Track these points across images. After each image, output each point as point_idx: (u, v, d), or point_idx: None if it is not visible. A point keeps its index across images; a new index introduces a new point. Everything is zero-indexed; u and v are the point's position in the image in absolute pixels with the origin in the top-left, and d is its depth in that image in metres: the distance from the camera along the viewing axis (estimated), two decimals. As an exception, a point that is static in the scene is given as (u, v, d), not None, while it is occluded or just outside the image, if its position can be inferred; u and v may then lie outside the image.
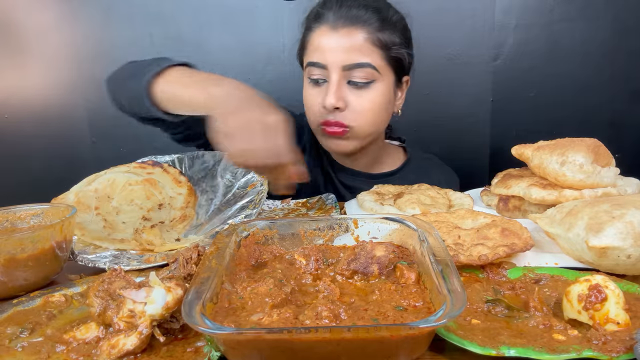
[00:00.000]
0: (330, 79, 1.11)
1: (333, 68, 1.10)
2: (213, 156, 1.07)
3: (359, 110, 1.12)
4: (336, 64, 1.09)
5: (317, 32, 1.13)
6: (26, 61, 1.85)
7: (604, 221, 0.66)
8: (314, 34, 1.14)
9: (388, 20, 1.13)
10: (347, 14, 1.10)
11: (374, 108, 1.14)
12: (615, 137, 1.67)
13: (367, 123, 1.15)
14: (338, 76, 1.10)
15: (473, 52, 1.85)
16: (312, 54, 1.13)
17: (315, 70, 1.13)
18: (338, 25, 1.10)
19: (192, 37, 1.83)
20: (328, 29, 1.11)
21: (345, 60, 1.09)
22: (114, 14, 1.82)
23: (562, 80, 1.86)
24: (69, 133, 1.91)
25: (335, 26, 1.10)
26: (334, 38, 1.10)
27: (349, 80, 1.11)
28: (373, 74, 1.11)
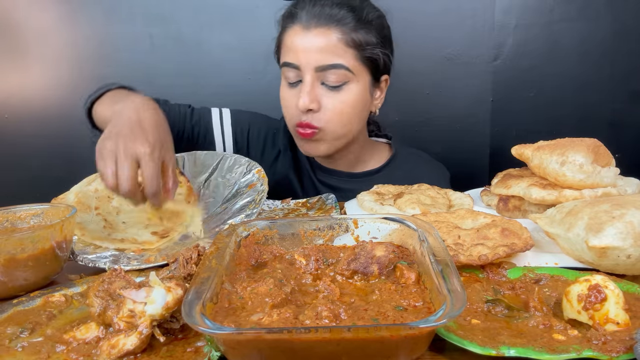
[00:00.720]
0: (304, 79, 1.09)
1: (306, 69, 1.08)
2: (213, 156, 1.07)
3: (331, 112, 1.11)
4: (309, 65, 1.08)
5: (290, 32, 1.11)
6: (26, 61, 1.85)
7: (604, 221, 0.66)
8: (287, 34, 1.12)
9: (363, 19, 1.10)
10: (320, 13, 1.08)
11: (346, 109, 1.12)
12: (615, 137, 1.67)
13: (339, 124, 1.13)
14: (311, 77, 1.08)
15: (473, 52, 1.85)
16: (286, 54, 1.12)
17: (290, 71, 1.11)
18: (311, 25, 1.07)
19: (192, 37, 1.83)
20: (301, 29, 1.09)
21: (319, 61, 1.07)
22: (114, 14, 1.81)
23: (562, 80, 1.86)
24: (69, 133, 1.91)
25: (308, 26, 1.08)
26: (307, 38, 1.07)
27: (323, 82, 1.09)
28: (346, 75, 1.09)
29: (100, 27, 1.82)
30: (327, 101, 1.10)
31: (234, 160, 1.03)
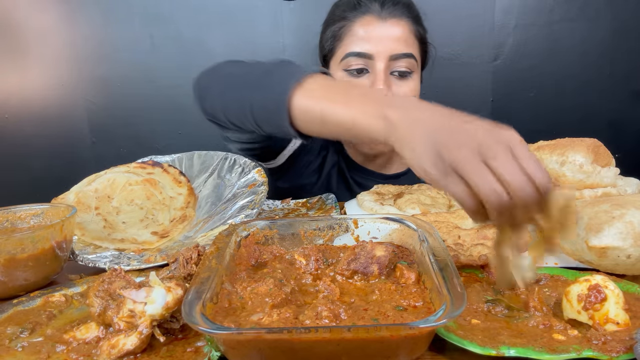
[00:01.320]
0: (375, 68, 1.10)
1: (380, 58, 1.09)
2: (213, 156, 1.07)
3: None
4: (384, 54, 1.09)
5: (361, 22, 1.12)
6: (26, 61, 1.85)
7: (604, 221, 0.66)
8: (356, 24, 1.12)
9: (418, 15, 1.16)
10: (393, 5, 1.11)
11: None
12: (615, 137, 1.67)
13: None
14: (384, 65, 1.09)
15: (473, 52, 1.85)
16: (353, 44, 1.11)
17: (356, 60, 1.11)
18: (386, 16, 1.10)
19: (192, 37, 1.83)
20: (375, 19, 1.10)
21: (393, 50, 1.09)
22: (113, 14, 1.82)
23: (562, 80, 1.86)
24: (69, 133, 1.91)
25: (383, 16, 1.10)
26: (383, 28, 1.10)
27: (391, 71, 1.11)
28: (414, 64, 1.13)
29: (100, 27, 1.82)
30: (397, 89, 1.12)
31: (234, 160, 1.03)
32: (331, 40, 1.17)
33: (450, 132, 0.54)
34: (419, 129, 0.56)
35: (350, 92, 0.68)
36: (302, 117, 0.71)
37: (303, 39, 1.83)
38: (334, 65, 1.17)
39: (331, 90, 0.70)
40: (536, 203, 0.50)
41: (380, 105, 0.62)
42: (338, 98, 0.68)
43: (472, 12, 1.81)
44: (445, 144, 0.53)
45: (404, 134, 0.58)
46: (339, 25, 1.15)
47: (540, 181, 0.49)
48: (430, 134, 0.55)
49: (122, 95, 1.88)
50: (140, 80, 1.86)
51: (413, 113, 0.59)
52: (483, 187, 0.49)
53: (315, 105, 0.69)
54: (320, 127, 0.70)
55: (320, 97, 0.69)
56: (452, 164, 0.51)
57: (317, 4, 1.79)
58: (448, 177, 0.52)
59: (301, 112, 0.71)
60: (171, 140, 1.91)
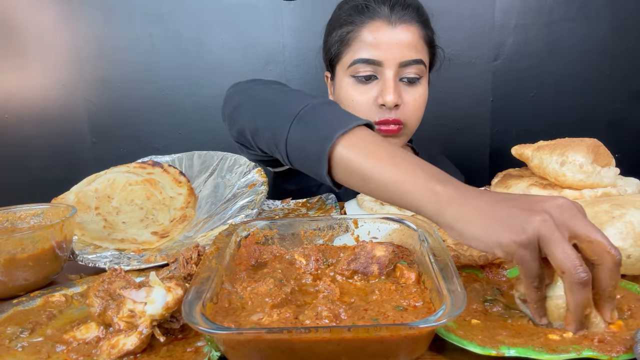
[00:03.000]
0: (384, 75, 1.07)
1: (389, 65, 1.06)
2: (213, 156, 1.07)
3: (412, 106, 1.11)
4: (394, 61, 1.06)
5: (369, 28, 1.08)
6: (26, 61, 1.85)
7: (604, 221, 0.66)
8: (363, 29, 1.08)
9: (427, 19, 1.14)
10: (403, 9, 1.08)
11: (422, 104, 1.14)
12: (615, 137, 1.67)
13: (418, 119, 1.14)
14: (393, 73, 1.07)
15: (473, 52, 1.85)
16: (361, 51, 1.08)
17: (365, 67, 1.08)
18: (395, 21, 1.07)
19: (192, 37, 1.83)
20: (384, 24, 1.07)
21: (404, 57, 1.07)
22: (113, 14, 1.82)
23: (562, 80, 1.86)
24: (69, 133, 1.91)
25: (392, 21, 1.07)
26: (393, 34, 1.06)
27: (400, 77, 1.09)
28: (423, 70, 1.11)
29: (100, 27, 1.82)
30: (407, 96, 1.10)
31: (234, 160, 1.03)
32: (338, 44, 1.13)
33: (518, 205, 0.52)
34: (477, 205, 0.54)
35: (398, 155, 0.64)
36: (342, 169, 0.68)
37: (303, 39, 1.83)
38: (340, 70, 1.14)
39: (379, 147, 0.66)
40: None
41: (428, 177, 0.59)
42: (385, 158, 0.64)
43: (472, 12, 1.81)
44: (520, 217, 0.50)
45: (461, 211, 0.54)
46: (346, 30, 1.11)
47: (617, 255, 0.49)
48: (495, 209, 0.52)
49: (122, 96, 1.88)
50: (140, 80, 1.86)
51: (462, 192, 0.56)
52: (564, 261, 0.48)
53: (361, 161, 0.65)
54: (359, 183, 0.66)
55: (367, 152, 0.65)
56: (537, 234, 0.49)
57: (317, 4, 1.79)
58: (532, 250, 0.49)
59: (343, 163, 0.67)
60: (171, 140, 1.91)
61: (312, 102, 0.75)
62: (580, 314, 0.49)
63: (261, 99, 0.85)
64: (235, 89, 0.93)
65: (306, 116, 0.73)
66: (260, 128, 0.82)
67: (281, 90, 0.86)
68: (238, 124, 0.88)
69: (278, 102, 0.80)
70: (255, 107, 0.85)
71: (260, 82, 0.93)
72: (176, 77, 1.86)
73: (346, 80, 1.12)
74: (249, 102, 0.87)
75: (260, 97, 0.86)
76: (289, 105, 0.77)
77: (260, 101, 0.85)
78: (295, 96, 0.80)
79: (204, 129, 1.88)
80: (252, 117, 0.85)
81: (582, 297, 0.48)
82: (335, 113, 0.73)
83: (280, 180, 1.28)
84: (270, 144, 0.79)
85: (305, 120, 0.73)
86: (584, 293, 0.48)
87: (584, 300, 0.49)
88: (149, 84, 1.87)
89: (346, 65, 1.11)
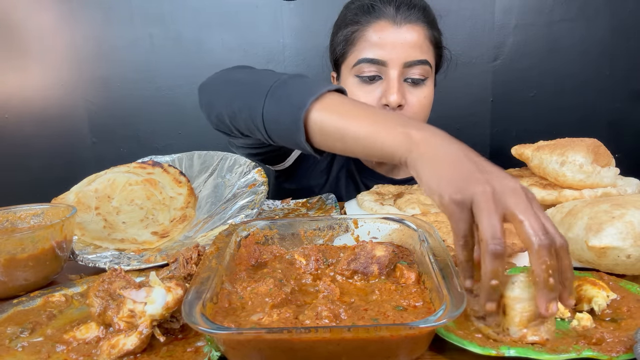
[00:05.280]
0: (389, 75, 1.07)
1: (393, 65, 1.06)
2: (213, 156, 1.07)
3: (416, 107, 1.10)
4: (398, 61, 1.06)
5: (374, 27, 1.07)
6: (26, 61, 1.85)
7: (603, 221, 0.66)
8: (369, 30, 1.08)
9: (434, 19, 1.13)
10: (408, 9, 1.08)
11: (427, 105, 1.13)
12: (615, 137, 1.67)
13: (422, 120, 1.13)
14: (398, 73, 1.06)
15: (473, 52, 1.85)
16: (366, 50, 1.08)
17: (369, 66, 1.08)
18: (401, 21, 1.06)
19: (192, 37, 1.83)
20: (389, 24, 1.06)
21: (408, 57, 1.06)
22: (113, 14, 1.82)
23: (561, 80, 1.86)
24: (69, 133, 1.91)
25: (397, 21, 1.06)
26: (398, 34, 1.06)
27: (405, 78, 1.09)
28: (428, 71, 1.10)
29: (100, 28, 1.82)
30: (411, 97, 1.10)
31: (234, 160, 1.03)
32: (343, 44, 1.13)
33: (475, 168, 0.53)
34: (442, 153, 0.57)
35: (372, 110, 0.69)
36: (319, 132, 0.71)
37: (303, 39, 1.83)
38: (345, 70, 1.14)
39: (352, 107, 0.70)
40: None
41: (403, 124, 0.62)
42: (360, 114, 0.67)
43: (472, 12, 1.81)
44: (467, 178, 0.52)
45: (426, 153, 0.58)
46: (352, 30, 1.11)
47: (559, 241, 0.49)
48: (455, 163, 0.55)
49: (122, 96, 1.88)
50: (140, 80, 1.86)
51: (436, 138, 0.59)
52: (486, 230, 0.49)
53: (336, 121, 0.68)
54: (337, 143, 0.69)
55: (341, 112, 0.69)
56: (471, 198, 0.51)
57: (317, 4, 1.79)
58: (462, 210, 0.52)
59: (319, 126, 0.70)
60: (171, 140, 1.91)
61: (282, 77, 0.78)
62: (487, 283, 0.49)
63: (234, 82, 0.87)
64: (209, 79, 0.94)
65: (278, 90, 0.76)
66: (237, 110, 0.83)
67: (252, 72, 0.88)
68: (216, 110, 0.89)
69: (250, 82, 0.82)
70: (229, 91, 0.86)
71: (232, 68, 0.94)
72: (176, 77, 1.85)
73: (351, 80, 1.12)
74: (223, 87, 0.89)
75: (233, 80, 0.88)
76: (260, 83, 0.79)
77: (233, 85, 0.87)
78: (266, 74, 0.82)
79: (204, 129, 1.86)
80: (227, 101, 0.86)
81: (491, 267, 0.48)
82: (305, 83, 0.75)
83: (281, 179, 1.28)
84: (249, 123, 0.80)
85: (277, 94, 0.75)
86: (494, 264, 0.48)
87: (492, 271, 0.48)
88: (148, 84, 1.87)
89: (351, 65, 1.11)
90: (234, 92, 0.85)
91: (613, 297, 0.58)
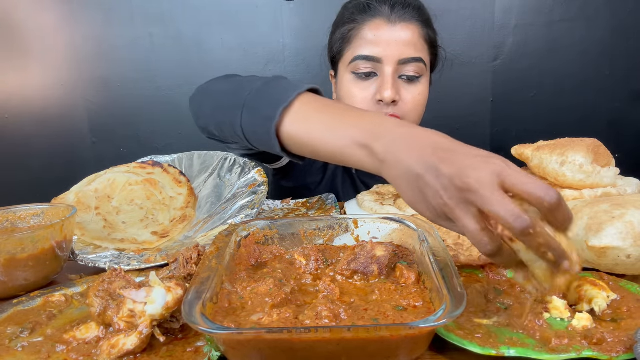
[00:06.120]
0: (383, 72, 1.09)
1: (388, 62, 1.08)
2: (213, 156, 1.07)
3: (411, 104, 1.12)
4: (392, 58, 1.08)
5: (370, 25, 1.11)
6: (26, 61, 1.85)
7: (603, 221, 0.66)
8: (364, 27, 1.11)
9: (429, 19, 1.16)
10: (403, 8, 1.10)
11: (422, 102, 1.15)
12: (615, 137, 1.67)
13: (416, 117, 1.15)
14: (392, 70, 1.09)
15: (473, 52, 1.85)
16: (362, 48, 1.11)
17: (365, 63, 1.10)
18: (395, 19, 1.09)
19: (192, 37, 1.84)
20: (384, 22, 1.09)
21: (402, 54, 1.08)
22: (114, 14, 1.82)
23: (561, 80, 1.87)
24: (69, 133, 1.91)
25: (392, 20, 1.09)
26: (393, 32, 1.09)
27: (400, 75, 1.11)
28: (423, 69, 1.12)
29: (100, 28, 1.83)
30: (405, 94, 1.11)
31: (234, 160, 1.03)
32: (340, 42, 1.16)
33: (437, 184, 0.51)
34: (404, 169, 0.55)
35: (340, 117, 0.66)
36: (293, 144, 0.71)
37: (303, 39, 1.83)
38: (342, 67, 1.16)
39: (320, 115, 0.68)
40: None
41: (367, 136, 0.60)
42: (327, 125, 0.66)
43: (472, 12, 1.81)
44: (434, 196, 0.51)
45: (391, 173, 0.57)
46: (348, 28, 1.14)
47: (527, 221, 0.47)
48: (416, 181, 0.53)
49: (122, 95, 1.88)
50: (140, 80, 1.86)
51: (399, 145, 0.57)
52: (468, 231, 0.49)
53: (304, 135, 0.68)
54: (312, 154, 0.70)
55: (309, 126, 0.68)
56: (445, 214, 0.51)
57: (317, 4, 1.79)
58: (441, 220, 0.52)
59: (291, 140, 0.70)
60: (171, 140, 1.91)
61: (255, 86, 0.77)
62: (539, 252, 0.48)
63: (215, 94, 0.88)
64: (196, 90, 0.95)
65: (252, 101, 0.75)
66: (220, 123, 0.84)
67: (232, 82, 0.87)
68: (203, 122, 0.91)
69: (229, 93, 0.83)
70: (211, 104, 0.87)
71: (215, 79, 0.94)
72: (176, 77, 1.86)
73: (347, 76, 1.14)
74: (207, 99, 0.90)
75: (215, 93, 0.88)
76: (237, 94, 0.79)
77: (214, 97, 0.88)
78: (243, 84, 0.82)
79: (204, 129, 1.88)
80: (210, 114, 0.87)
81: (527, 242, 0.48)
82: (277, 90, 0.74)
83: (278, 177, 1.29)
84: (233, 134, 0.81)
85: (251, 105, 0.75)
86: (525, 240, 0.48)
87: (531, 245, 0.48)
88: (149, 83, 1.87)
89: (347, 62, 1.13)
90: (215, 105, 0.86)
91: (613, 297, 0.58)
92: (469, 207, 0.49)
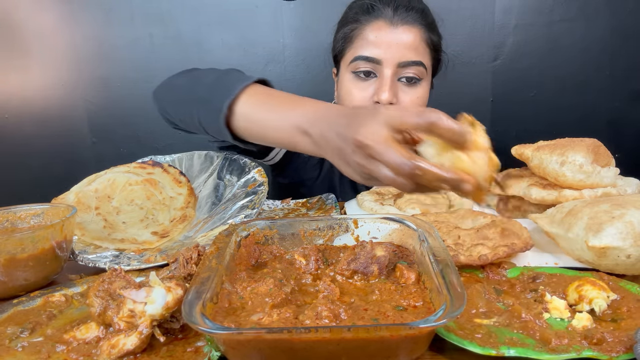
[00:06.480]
0: (382, 74, 1.09)
1: (388, 64, 1.08)
2: (213, 156, 1.07)
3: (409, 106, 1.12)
4: (392, 60, 1.08)
5: (372, 27, 1.11)
6: (27, 62, 1.85)
7: (603, 221, 0.66)
8: (366, 28, 1.11)
9: (433, 23, 1.15)
10: (406, 11, 1.10)
11: (422, 106, 1.14)
12: (615, 137, 1.67)
13: None
14: (392, 72, 1.09)
15: (473, 52, 1.85)
16: (363, 48, 1.11)
17: (365, 64, 1.10)
18: (397, 22, 1.09)
19: (192, 37, 1.83)
20: (386, 24, 1.09)
21: (403, 57, 1.08)
22: (114, 14, 1.82)
23: (562, 80, 1.87)
24: (69, 133, 1.91)
25: (394, 22, 1.09)
26: (394, 34, 1.09)
27: (399, 77, 1.11)
28: (423, 72, 1.12)
29: (100, 27, 1.82)
30: (404, 96, 1.11)
31: (234, 160, 1.03)
32: (342, 41, 1.16)
33: (346, 144, 0.58)
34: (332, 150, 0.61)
35: (282, 106, 0.71)
36: (243, 133, 0.76)
37: (303, 39, 1.83)
38: (343, 66, 1.17)
39: (264, 106, 0.74)
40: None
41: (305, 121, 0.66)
42: (271, 114, 0.72)
43: (472, 12, 1.81)
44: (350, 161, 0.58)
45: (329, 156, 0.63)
46: (351, 28, 1.14)
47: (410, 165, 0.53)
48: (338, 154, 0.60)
49: (122, 95, 1.88)
50: (140, 80, 1.86)
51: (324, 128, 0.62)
52: (386, 181, 0.55)
53: (251, 125, 0.74)
54: (265, 142, 0.76)
55: (255, 116, 0.74)
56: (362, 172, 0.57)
57: (317, 4, 1.79)
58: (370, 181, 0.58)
59: (240, 129, 0.76)
60: (171, 140, 1.91)
61: (209, 80, 0.82)
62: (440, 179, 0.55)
63: (176, 88, 0.91)
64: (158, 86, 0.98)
65: (207, 94, 0.80)
66: (182, 116, 0.88)
67: (191, 76, 0.91)
68: (167, 115, 0.94)
69: (187, 88, 0.87)
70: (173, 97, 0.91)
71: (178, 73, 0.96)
72: (176, 77, 1.85)
73: (347, 76, 1.14)
74: (168, 94, 0.93)
75: (175, 87, 0.92)
76: (194, 89, 0.84)
77: (175, 92, 0.91)
78: (200, 78, 0.86)
79: (204, 128, 1.88)
80: (173, 108, 0.91)
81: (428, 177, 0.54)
82: (226, 82, 0.78)
83: (275, 173, 1.30)
84: (199, 129, 0.85)
85: (205, 99, 0.80)
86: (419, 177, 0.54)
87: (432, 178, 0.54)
88: (148, 83, 1.86)
89: (348, 62, 1.14)
90: (176, 99, 0.90)
91: (613, 297, 0.58)
92: (374, 160, 0.54)
